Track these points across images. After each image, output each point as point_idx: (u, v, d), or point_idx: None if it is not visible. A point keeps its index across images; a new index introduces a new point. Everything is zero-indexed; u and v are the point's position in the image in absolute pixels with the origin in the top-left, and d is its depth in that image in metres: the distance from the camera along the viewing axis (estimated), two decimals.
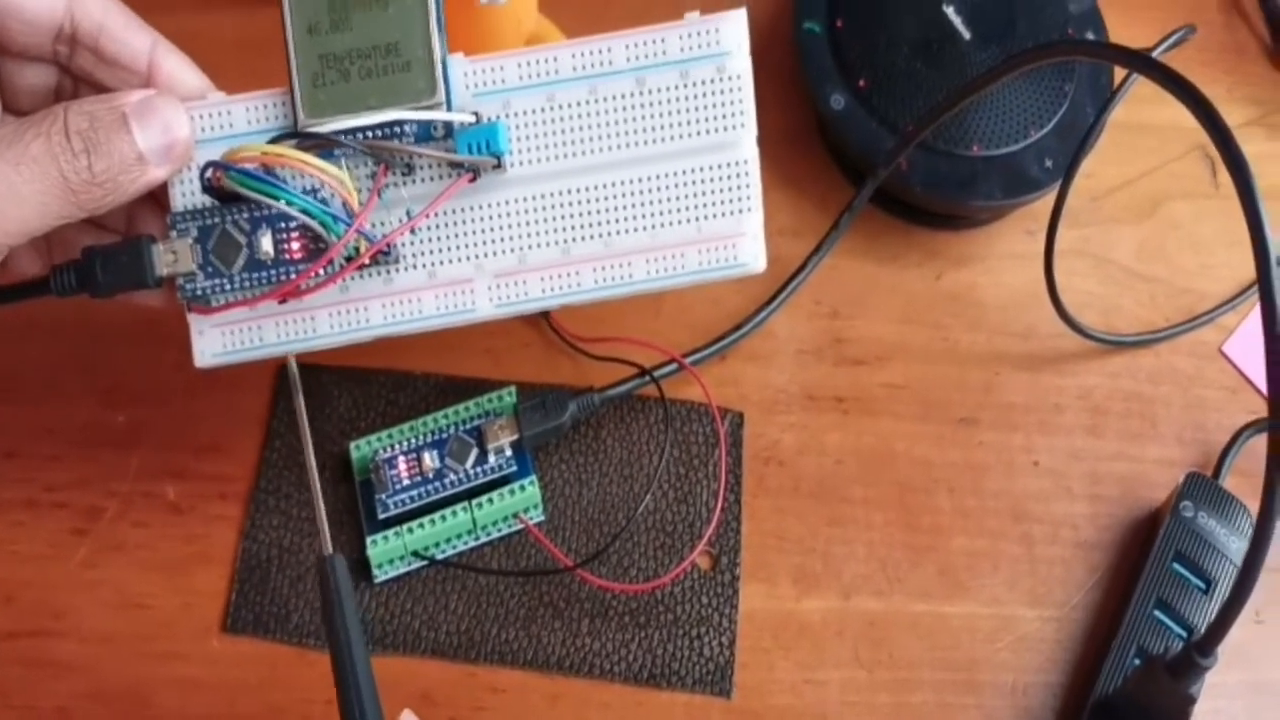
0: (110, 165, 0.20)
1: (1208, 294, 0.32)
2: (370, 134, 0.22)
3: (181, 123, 0.22)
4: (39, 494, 0.27)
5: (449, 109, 0.22)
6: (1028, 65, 0.26)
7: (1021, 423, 0.30)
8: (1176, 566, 0.27)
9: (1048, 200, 0.30)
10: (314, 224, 0.21)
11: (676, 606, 0.27)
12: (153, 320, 0.24)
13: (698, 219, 0.23)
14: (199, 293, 0.22)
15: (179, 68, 0.23)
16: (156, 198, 0.23)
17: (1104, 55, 0.28)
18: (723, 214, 0.23)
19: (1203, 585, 0.27)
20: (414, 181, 0.23)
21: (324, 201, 0.22)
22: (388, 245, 0.22)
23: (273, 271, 0.22)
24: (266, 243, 0.22)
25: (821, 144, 0.33)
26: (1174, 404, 0.31)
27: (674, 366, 0.28)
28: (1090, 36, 0.33)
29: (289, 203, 0.21)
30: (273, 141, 0.22)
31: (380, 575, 0.26)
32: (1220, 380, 0.31)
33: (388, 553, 0.26)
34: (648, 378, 0.28)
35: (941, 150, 0.31)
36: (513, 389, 0.28)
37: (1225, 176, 0.35)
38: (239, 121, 0.22)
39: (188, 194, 0.22)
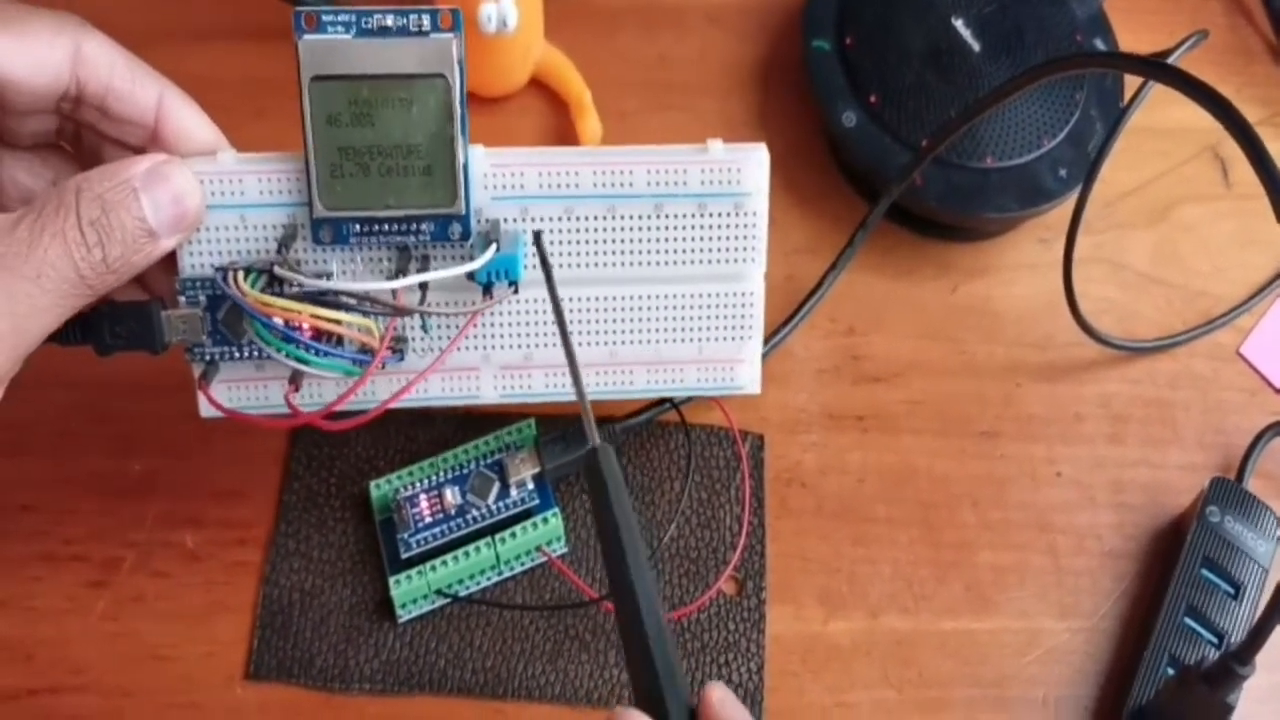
0: (124, 250, 0.20)
1: (1223, 296, 0.33)
2: (387, 227, 0.22)
3: (192, 191, 0.22)
4: (57, 547, 0.27)
5: (467, 213, 0.23)
6: (1045, 78, 0.27)
7: (1043, 434, 0.31)
8: (1205, 572, 0.28)
9: (1061, 209, 0.31)
10: (332, 375, 0.22)
11: (704, 634, 0.27)
12: (165, 368, 0.24)
13: (700, 340, 0.25)
14: (209, 358, 0.23)
15: (188, 119, 0.22)
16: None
17: (1124, 66, 0.29)
18: (724, 339, 0.25)
19: (1232, 590, 0.28)
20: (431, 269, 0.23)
21: (340, 343, 0.22)
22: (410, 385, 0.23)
23: (286, 338, 0.22)
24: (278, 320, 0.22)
25: (834, 161, 0.34)
26: (1194, 408, 0.32)
27: None
28: (1098, 42, 0.34)
29: (306, 364, 0.22)
30: (286, 286, 0.22)
31: (404, 615, 0.27)
32: (1239, 382, 0.32)
33: (411, 592, 0.26)
34: (668, 405, 0.28)
35: (955, 163, 0.31)
36: (532, 421, 0.28)
37: (1236, 177, 0.36)
38: (250, 191, 0.23)
39: (196, 254, 0.23)
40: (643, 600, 0.17)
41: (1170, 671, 0.27)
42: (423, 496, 0.27)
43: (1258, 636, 0.23)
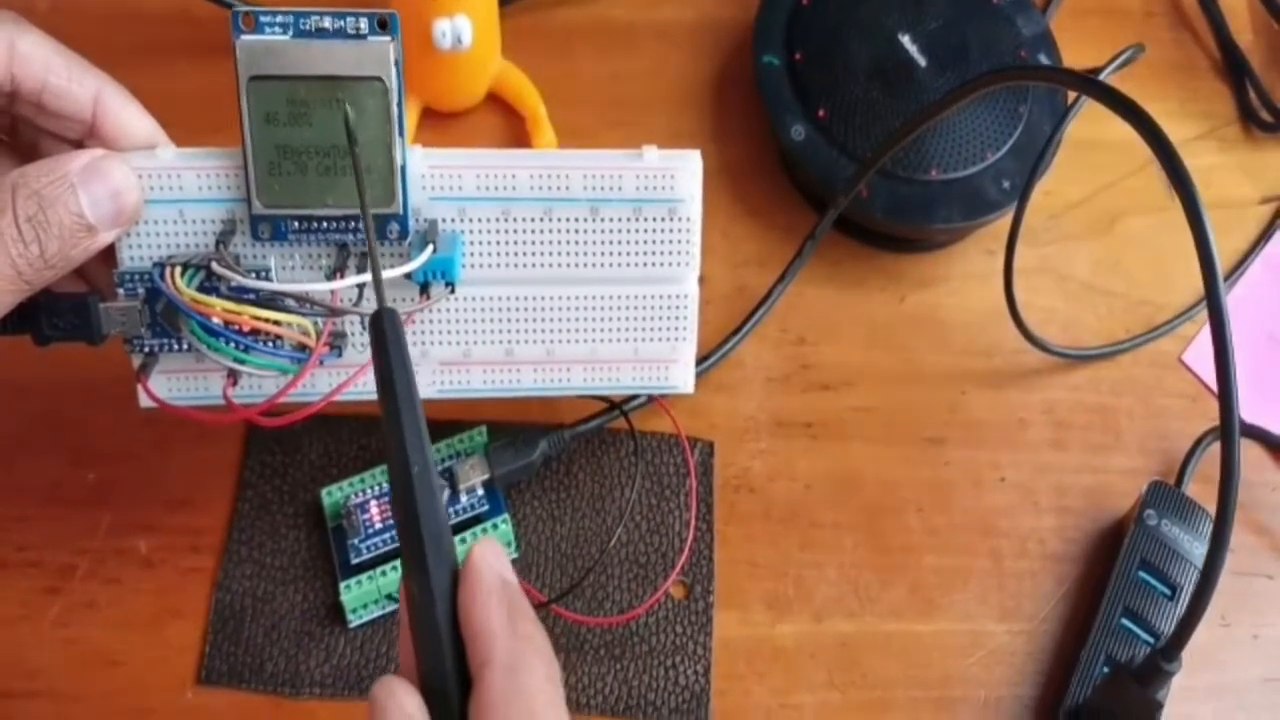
0: (62, 246, 0.21)
1: (1165, 305, 0.35)
2: (325, 224, 0.23)
3: (130, 186, 0.22)
4: (10, 554, 0.28)
5: (405, 213, 0.23)
6: (979, 91, 0.28)
7: (988, 440, 0.32)
8: (1142, 574, 0.29)
9: (1007, 220, 0.32)
10: (269, 373, 0.23)
11: (651, 637, 0.28)
12: (120, 375, 0.25)
13: (635, 340, 0.26)
14: (148, 350, 0.24)
15: (126, 112, 0.23)
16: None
17: (1053, 79, 0.31)
18: (659, 339, 0.26)
19: (1168, 592, 0.29)
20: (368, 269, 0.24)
21: (276, 343, 0.23)
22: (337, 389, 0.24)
23: (223, 337, 0.23)
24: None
25: (784, 174, 0.35)
26: (1136, 414, 0.33)
27: (643, 399, 0.30)
28: (1042, 58, 0.35)
29: (243, 363, 0.23)
30: (230, 287, 0.22)
31: (355, 620, 0.28)
32: (1180, 389, 0.33)
33: (361, 597, 0.27)
34: (617, 412, 0.30)
35: (901, 176, 0.33)
36: (483, 428, 0.29)
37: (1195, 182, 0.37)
38: (189, 186, 0.23)
39: (135, 247, 0.23)
40: (412, 450, 0.17)
41: (1107, 671, 0.28)
42: (373, 503, 0.28)
43: (1182, 634, 0.24)
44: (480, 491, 0.28)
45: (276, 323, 0.23)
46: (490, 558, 0.18)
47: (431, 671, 0.17)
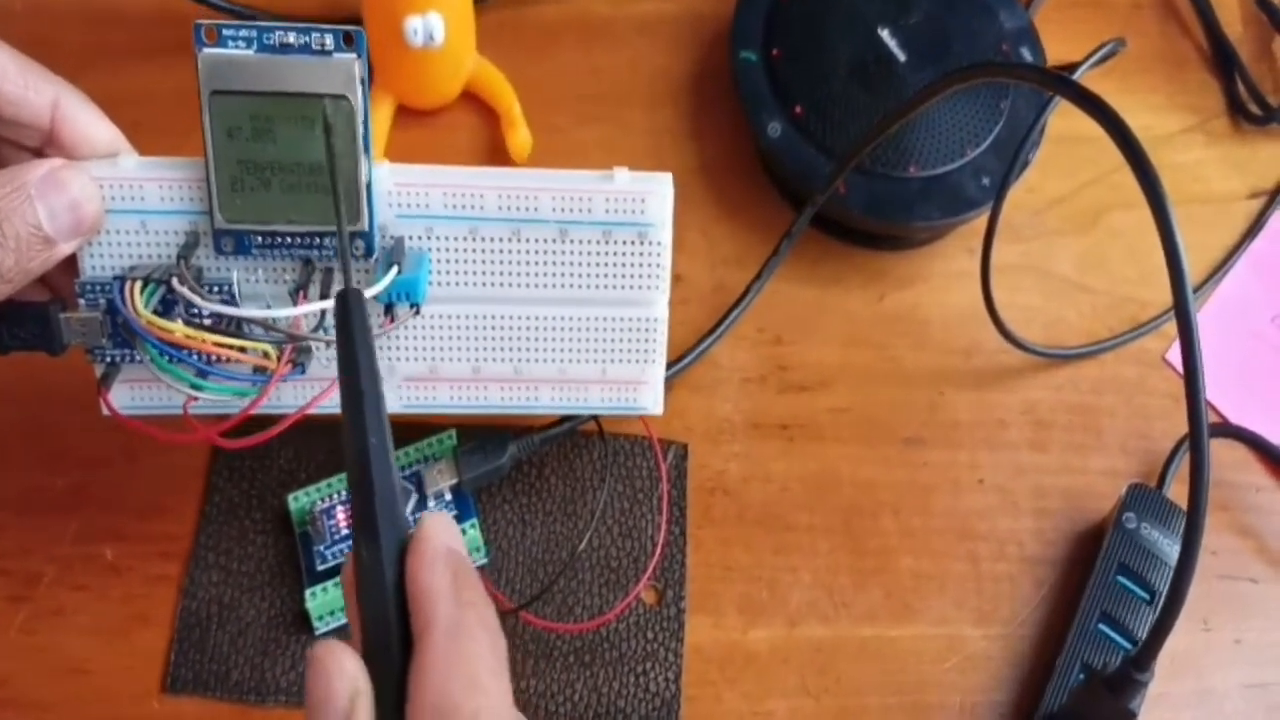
0: (19, 259, 0.20)
1: (1150, 303, 0.34)
2: (289, 240, 0.23)
3: (90, 197, 0.22)
4: None
5: (370, 230, 0.23)
6: (946, 90, 0.27)
7: (966, 440, 0.32)
8: (1120, 579, 0.29)
9: (988, 217, 0.32)
10: (227, 398, 0.23)
11: (622, 643, 0.28)
12: (92, 383, 0.25)
13: (604, 361, 0.25)
14: (110, 360, 0.24)
15: (85, 119, 0.22)
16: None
17: (1022, 76, 0.30)
18: (628, 361, 0.26)
19: (1146, 596, 0.29)
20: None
21: (234, 364, 0.23)
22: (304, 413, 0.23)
23: (178, 360, 0.23)
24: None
25: (762, 171, 0.35)
26: (1118, 414, 0.32)
27: None
28: (1025, 53, 0.34)
29: (199, 389, 0.22)
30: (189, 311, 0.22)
31: (321, 626, 0.27)
32: (1164, 388, 0.33)
33: (327, 604, 0.27)
34: (588, 415, 0.29)
35: (879, 173, 0.32)
36: (452, 432, 0.29)
37: (1165, 185, 0.37)
38: (151, 198, 0.23)
39: (97, 257, 0.23)
40: (370, 421, 0.17)
41: (1083, 678, 0.28)
42: (339, 509, 0.27)
43: (1154, 643, 0.24)
44: (449, 496, 0.28)
45: (242, 349, 0.22)
46: (439, 527, 0.18)
47: (374, 635, 0.17)
